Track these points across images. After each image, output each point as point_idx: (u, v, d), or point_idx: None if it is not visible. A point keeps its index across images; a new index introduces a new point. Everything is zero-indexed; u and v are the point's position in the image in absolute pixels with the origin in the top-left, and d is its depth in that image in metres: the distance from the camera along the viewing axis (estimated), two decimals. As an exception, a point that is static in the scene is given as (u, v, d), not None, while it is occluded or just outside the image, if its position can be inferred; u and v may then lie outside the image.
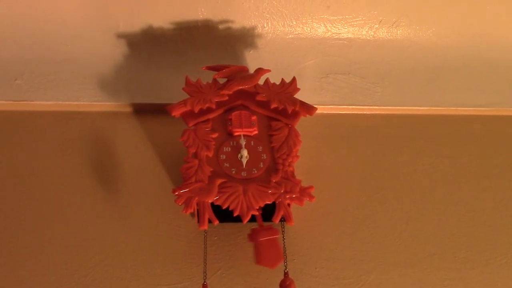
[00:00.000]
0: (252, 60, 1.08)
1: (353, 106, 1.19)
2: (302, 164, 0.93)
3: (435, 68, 1.13)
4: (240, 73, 0.97)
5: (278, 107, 0.93)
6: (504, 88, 1.18)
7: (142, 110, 1.13)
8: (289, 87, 0.97)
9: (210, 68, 0.98)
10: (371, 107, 1.19)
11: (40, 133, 1.08)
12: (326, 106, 1.16)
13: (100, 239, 0.93)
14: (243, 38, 1.05)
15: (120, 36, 1.03)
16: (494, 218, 1.01)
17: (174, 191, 0.84)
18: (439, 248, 0.96)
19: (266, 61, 1.08)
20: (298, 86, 0.98)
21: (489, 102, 1.21)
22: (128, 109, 1.14)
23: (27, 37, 1.02)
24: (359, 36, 1.06)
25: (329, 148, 1.10)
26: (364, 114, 1.19)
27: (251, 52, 1.07)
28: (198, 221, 0.92)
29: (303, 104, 0.94)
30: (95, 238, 0.93)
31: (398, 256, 0.94)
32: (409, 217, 0.99)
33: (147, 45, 1.05)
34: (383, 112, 1.19)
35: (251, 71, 0.99)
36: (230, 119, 0.93)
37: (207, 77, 0.98)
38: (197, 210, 0.85)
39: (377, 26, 1.04)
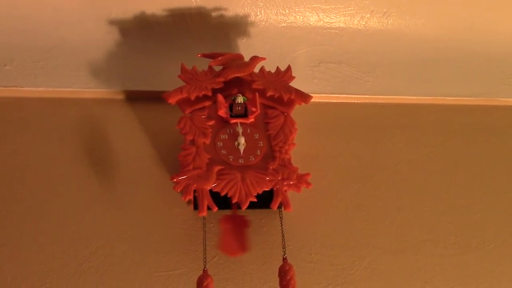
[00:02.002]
0: (245, 48, 1.08)
1: (345, 95, 1.20)
2: (295, 152, 0.93)
3: (424, 59, 1.14)
4: (236, 61, 0.97)
5: (274, 95, 0.94)
6: (491, 79, 1.20)
7: (135, 97, 1.12)
8: (284, 75, 0.98)
9: (206, 56, 0.98)
10: (362, 96, 1.21)
11: (30, 120, 1.06)
12: (318, 95, 1.16)
13: (96, 227, 0.92)
14: (236, 26, 1.05)
15: (113, 22, 1.01)
16: (483, 205, 1.03)
17: (172, 178, 0.84)
18: (430, 234, 0.98)
19: (259, 49, 1.08)
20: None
21: (476, 92, 1.24)
22: (121, 96, 1.13)
23: (17, 23, 0.99)
24: (351, 25, 1.07)
25: (322, 136, 1.10)
26: (356, 103, 1.20)
27: (244, 40, 1.07)
28: (195, 208, 0.93)
29: (298, 92, 0.95)
30: (91, 226, 0.92)
31: (391, 242, 0.95)
32: (400, 204, 1.01)
33: (140, 32, 1.03)
34: (374, 101, 1.20)
35: (246, 59, 0.99)
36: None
37: (200, 65, 0.98)
38: (195, 197, 0.85)
39: (368, 16, 1.05)
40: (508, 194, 1.06)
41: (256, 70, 0.98)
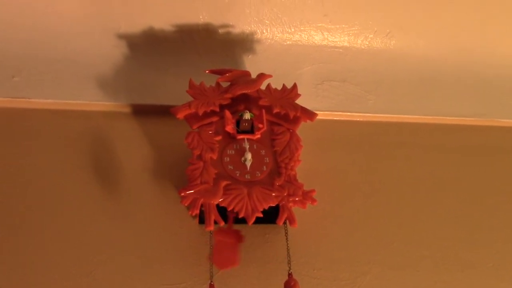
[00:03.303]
0: (251, 65, 1.09)
1: (348, 113, 1.22)
2: (299, 168, 0.94)
3: (425, 79, 1.16)
4: (243, 77, 0.99)
5: (280, 112, 0.95)
6: (491, 99, 1.23)
7: (141, 111, 1.13)
8: (290, 93, 0.99)
9: (214, 72, 0.99)
10: (364, 114, 1.22)
11: (38, 130, 1.07)
12: (321, 112, 1.16)
13: (102, 238, 0.92)
14: (243, 43, 1.07)
15: (121, 37, 1.03)
16: (482, 223, 1.05)
17: (180, 192, 0.85)
18: (430, 251, 0.99)
19: (265, 66, 1.09)
20: (297, 92, 1.00)
21: (475, 112, 1.26)
22: (127, 110, 1.14)
23: (27, 35, 1.00)
24: (354, 45, 1.09)
25: (325, 153, 1.12)
26: (358, 121, 1.22)
27: (249, 56, 1.09)
28: (200, 222, 0.94)
29: (304, 110, 0.96)
30: (97, 237, 0.92)
31: (392, 258, 0.97)
32: (401, 221, 1.03)
33: (147, 46, 1.05)
34: (376, 119, 1.22)
35: (252, 76, 1.00)
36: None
37: (206, 80, 0.99)
38: (200, 211, 0.86)
39: (371, 36, 1.07)
40: (507, 213, 1.08)
41: (263, 87, 0.99)
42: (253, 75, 1.00)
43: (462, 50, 1.11)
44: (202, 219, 0.93)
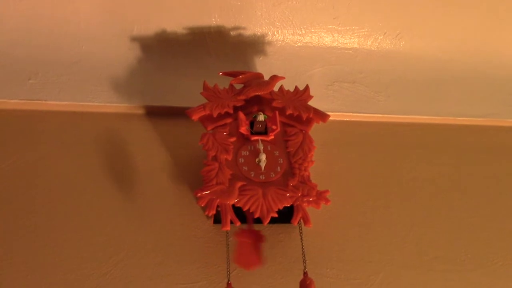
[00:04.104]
0: (261, 66, 1.11)
1: (358, 114, 1.23)
2: (312, 169, 0.95)
3: (435, 79, 1.18)
4: (256, 79, 1.00)
5: (293, 113, 0.97)
6: (500, 100, 1.24)
7: (155, 113, 1.15)
8: (302, 94, 1.01)
9: (227, 74, 1.00)
10: (375, 115, 1.24)
11: (53, 132, 1.08)
12: (332, 113, 1.17)
13: (118, 239, 0.93)
14: (254, 45, 1.08)
15: (134, 39, 1.04)
16: (492, 223, 1.06)
17: (196, 193, 0.86)
18: (441, 251, 1.00)
19: (275, 67, 1.11)
20: (309, 94, 1.01)
21: (486, 113, 1.27)
22: (141, 111, 1.15)
23: (42, 38, 1.02)
24: (364, 46, 1.10)
25: (336, 154, 1.13)
26: (369, 121, 1.23)
27: (261, 58, 1.10)
28: (215, 222, 0.95)
29: (316, 111, 0.97)
30: (113, 237, 0.94)
31: (404, 258, 0.98)
32: (413, 221, 1.04)
33: (160, 49, 1.06)
34: (386, 120, 1.23)
35: (266, 77, 1.01)
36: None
37: (218, 82, 1.00)
38: (216, 211, 0.86)
39: (381, 37, 1.08)
40: (518, 212, 1.10)
41: (276, 88, 1.00)
42: (265, 77, 1.01)
43: (471, 50, 1.12)
44: (216, 219, 0.95)
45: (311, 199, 0.88)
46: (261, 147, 0.92)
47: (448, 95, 1.21)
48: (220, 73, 1.00)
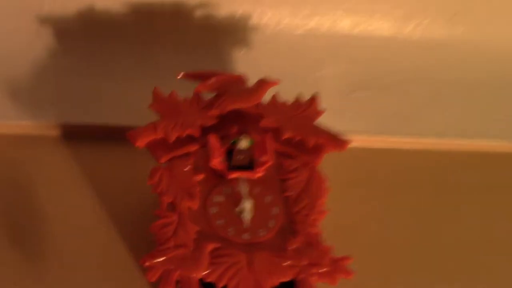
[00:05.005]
0: (243, 65, 1.14)
1: (392, 138, 1.22)
2: (322, 223, 0.96)
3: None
4: (236, 85, 1.02)
5: (294, 137, 0.99)
6: None
7: (75, 134, 1.16)
8: (307, 108, 1.04)
9: (190, 76, 1.03)
10: (419, 140, 1.23)
11: None
12: (353, 136, 1.14)
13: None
14: (231, 32, 1.12)
15: (45, 21, 1.06)
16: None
17: (143, 261, 0.87)
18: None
19: (265, 66, 1.12)
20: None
21: None
22: (54, 132, 1.16)
23: None
24: (401, 34, 1.14)
25: (360, 199, 1.17)
26: (410, 150, 1.23)
27: (242, 52, 1.13)
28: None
29: (329, 135, 1.00)
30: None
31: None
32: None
33: (85, 36, 1.08)
34: (438, 148, 1.24)
35: (249, 82, 1.03)
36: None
37: (178, 89, 1.02)
38: (176, 289, 0.89)
39: (427, 21, 1.12)
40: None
41: (265, 99, 1.02)
42: (250, 82, 1.03)
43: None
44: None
45: (322, 270, 0.89)
46: (244, 189, 0.94)
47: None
48: (180, 75, 1.03)
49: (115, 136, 1.01)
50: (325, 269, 0.90)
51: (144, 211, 0.97)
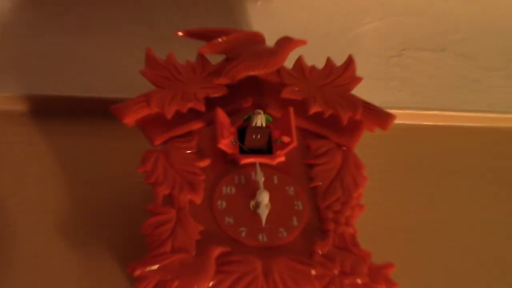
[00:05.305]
0: (260, 20, 1.13)
1: (446, 112, 1.22)
2: (358, 221, 0.95)
3: None
4: (250, 45, 1.00)
5: (324, 112, 0.96)
6: None
7: (46, 109, 1.15)
8: (341, 74, 1.01)
9: (191, 34, 1.01)
10: (485, 114, 1.23)
11: None
12: (399, 111, 1.16)
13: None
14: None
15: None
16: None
17: (132, 268, 0.84)
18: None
19: (287, 22, 1.13)
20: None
21: None
22: (19, 107, 1.15)
23: None
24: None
25: (409, 189, 1.14)
26: (473, 127, 1.23)
27: (258, 3, 1.12)
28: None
29: (369, 108, 0.97)
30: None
31: None
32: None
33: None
34: (500, 124, 1.24)
35: (267, 42, 1.02)
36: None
37: (177, 51, 1.00)
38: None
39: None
40: None
41: (289, 64, 1.01)
42: (268, 41, 1.01)
43: None
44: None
45: (359, 280, 0.86)
46: (260, 178, 0.91)
47: None
48: (180, 33, 1.01)
49: (97, 111, 1.00)
50: (362, 280, 0.86)
51: (133, 205, 0.95)
